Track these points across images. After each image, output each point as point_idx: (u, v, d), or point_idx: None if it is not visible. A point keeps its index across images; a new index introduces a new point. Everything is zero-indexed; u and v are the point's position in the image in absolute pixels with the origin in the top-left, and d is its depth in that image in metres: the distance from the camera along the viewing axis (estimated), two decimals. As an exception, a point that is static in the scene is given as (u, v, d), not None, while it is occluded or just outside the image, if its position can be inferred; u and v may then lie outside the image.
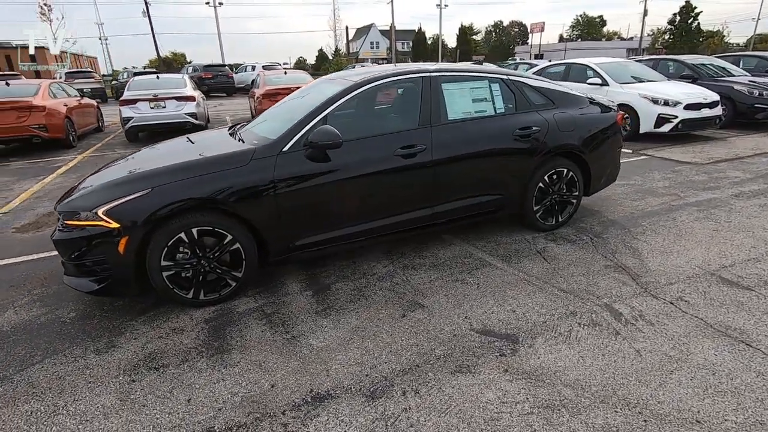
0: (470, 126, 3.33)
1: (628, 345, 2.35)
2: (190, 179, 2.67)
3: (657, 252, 3.41)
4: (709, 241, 3.56)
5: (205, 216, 2.69)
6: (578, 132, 3.66)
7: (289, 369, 2.27)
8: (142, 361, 2.38)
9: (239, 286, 2.91)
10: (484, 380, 2.14)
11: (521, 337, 2.45)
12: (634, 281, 3.00)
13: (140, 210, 2.55)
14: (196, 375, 2.25)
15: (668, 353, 2.28)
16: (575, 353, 2.31)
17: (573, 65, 8.97)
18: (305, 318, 2.71)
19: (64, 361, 2.39)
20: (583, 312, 2.66)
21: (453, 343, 2.43)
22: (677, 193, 4.79)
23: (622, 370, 2.17)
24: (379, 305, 2.83)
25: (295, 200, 2.86)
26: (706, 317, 2.57)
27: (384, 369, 2.24)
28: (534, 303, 2.78)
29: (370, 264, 3.38)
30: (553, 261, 3.32)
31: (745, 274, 3.03)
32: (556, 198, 3.75)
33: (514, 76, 3.58)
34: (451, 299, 2.86)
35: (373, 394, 2.08)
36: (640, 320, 2.57)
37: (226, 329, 2.63)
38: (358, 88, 3.09)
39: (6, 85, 8.88)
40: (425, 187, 3.21)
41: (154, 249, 2.62)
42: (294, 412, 1.99)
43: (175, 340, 2.55)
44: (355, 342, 2.46)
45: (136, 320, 2.75)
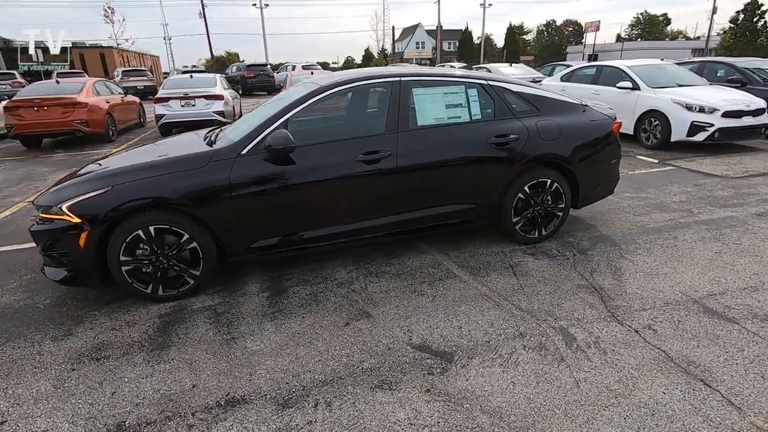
0: (441, 133, 3.22)
1: (569, 374, 2.19)
2: (148, 179, 2.77)
3: (641, 273, 3.14)
4: (707, 265, 3.24)
5: (162, 215, 2.78)
6: (564, 141, 3.44)
7: (215, 370, 2.30)
8: (89, 350, 2.50)
9: (198, 285, 2.99)
10: (401, 399, 2.07)
11: (457, 356, 2.34)
12: (603, 304, 2.78)
13: (99, 207, 2.68)
14: (129, 369, 2.34)
15: (610, 386, 2.10)
16: (508, 378, 2.17)
17: (604, 68, 8.47)
18: (251, 320, 2.74)
19: (23, 346, 2.56)
20: (533, 334, 2.51)
21: (385, 356, 2.36)
22: (690, 209, 4.40)
23: (551, 400, 2.02)
24: (327, 312, 2.80)
25: (252, 203, 2.89)
26: (670, 350, 2.34)
27: (306, 378, 2.22)
28: (485, 320, 2.65)
29: (335, 269, 3.36)
30: (523, 277, 3.15)
31: (734, 304, 2.73)
32: (539, 210, 3.55)
33: (495, 82, 3.42)
34: (400, 310, 2.79)
35: (286, 404, 2.06)
36: (593, 347, 2.38)
37: (175, 326, 2.71)
38: (322, 92, 3.08)
39: (56, 83, 9.66)
40: (389, 194, 3.15)
41: (114, 244, 2.74)
42: (203, 414, 2.01)
43: (125, 332, 2.65)
44: (288, 348, 2.46)
45: (99, 311, 2.90)
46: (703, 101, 6.69)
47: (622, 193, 4.96)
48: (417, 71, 3.41)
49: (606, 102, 7.97)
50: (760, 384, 2.08)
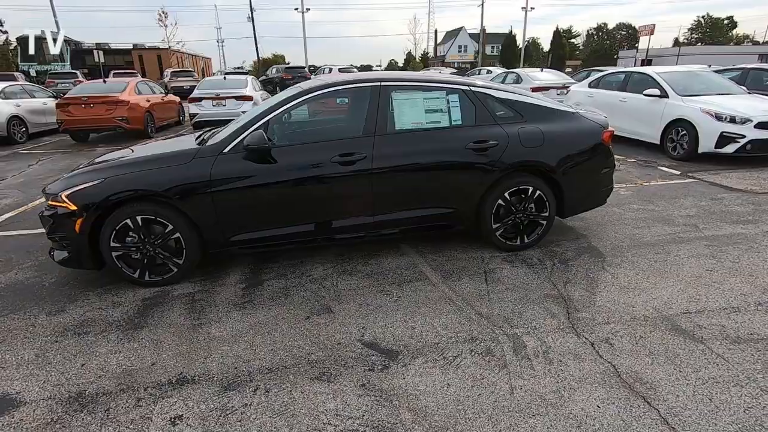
0: (418, 137, 3.27)
1: (507, 380, 2.19)
2: (137, 173, 3.02)
3: (617, 287, 3.05)
4: (692, 282, 3.09)
5: (148, 206, 3.01)
6: (548, 148, 3.39)
7: (176, 351, 2.48)
8: (74, 326, 2.75)
9: (182, 273, 3.21)
10: (335, 390, 2.15)
11: (401, 355, 2.40)
12: (566, 315, 2.74)
13: (93, 196, 2.95)
14: (103, 344, 2.56)
15: (545, 396, 2.08)
16: (444, 380, 2.21)
17: (633, 74, 8.12)
18: (222, 308, 2.91)
19: (21, 318, 2.86)
20: (484, 339, 2.51)
21: (333, 351, 2.46)
22: (696, 224, 4.18)
23: (480, 404, 2.04)
24: (293, 305, 2.93)
25: (231, 198, 3.07)
26: (621, 365, 2.28)
27: (254, 365, 2.35)
28: (440, 323, 2.68)
29: (314, 265, 3.49)
30: (494, 283, 3.14)
31: (707, 324, 2.60)
32: (521, 217, 3.51)
33: (477, 87, 3.43)
34: (362, 308, 2.87)
35: (229, 386, 2.20)
36: (540, 357, 2.36)
37: (153, 309, 2.92)
38: (302, 96, 3.22)
39: (103, 82, 10.45)
40: (364, 195, 3.23)
41: (105, 231, 3.00)
42: (153, 390, 2.19)
43: (109, 312, 2.90)
44: (247, 336, 2.60)
45: (93, 291, 3.18)
46: (734, 111, 6.29)
47: (628, 204, 4.79)
48: (399, 76, 3.48)
49: (633, 110, 7.74)
50: (704, 406, 2.00)
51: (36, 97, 10.89)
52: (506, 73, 13.11)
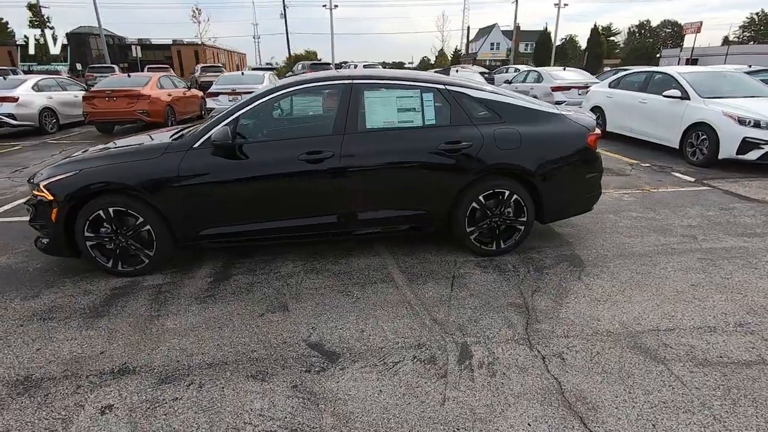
0: (389, 136, 3.21)
1: (442, 390, 2.12)
2: (109, 166, 3.11)
3: (588, 299, 2.90)
4: (671, 297, 2.90)
5: (119, 198, 3.09)
6: (525, 151, 3.26)
7: (127, 341, 2.53)
8: (42, 311, 2.87)
9: (153, 264, 3.28)
10: (266, 390, 2.14)
11: (342, 358, 2.36)
12: (525, 325, 2.62)
13: (67, 187, 3.06)
14: (62, 331, 2.65)
15: (476, 410, 2.00)
16: (378, 386, 2.16)
17: (655, 74, 7.71)
18: (183, 301, 2.96)
19: (14, 297, 3.00)
20: (431, 346, 2.44)
21: (277, 349, 2.45)
22: (695, 235, 3.92)
23: (406, 414, 1.98)
24: (252, 301, 2.94)
25: (199, 193, 3.11)
26: (567, 382, 2.16)
27: (196, 359, 2.37)
28: (392, 327, 2.62)
29: (284, 262, 3.49)
30: (459, 288, 3.05)
31: (675, 344, 2.43)
32: (497, 221, 3.40)
33: (453, 86, 3.32)
34: (318, 308, 2.85)
35: (166, 379, 2.23)
36: (483, 368, 2.27)
37: (118, 299, 3.00)
38: (276, 93, 3.22)
39: (128, 76, 10.86)
40: (331, 193, 3.21)
41: (80, 221, 3.10)
42: (94, 378, 2.24)
43: (78, 299, 3.00)
44: (198, 330, 2.63)
45: (70, 279, 3.30)
46: (759, 114, 5.86)
47: (626, 211, 4.55)
48: (372, 74, 3.42)
49: (652, 112, 7.36)
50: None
51: (68, 90, 11.44)
52: (528, 71, 12.75)
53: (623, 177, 6.00)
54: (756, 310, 2.74)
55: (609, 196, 5.06)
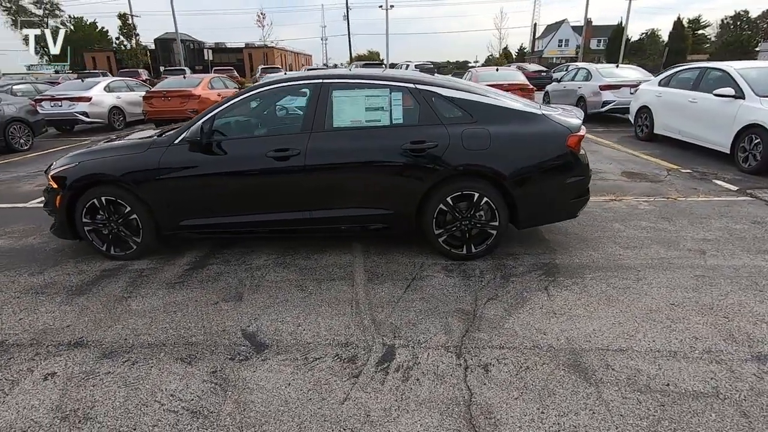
0: (354, 135, 3.22)
1: (348, 390, 2.11)
2: (102, 159, 3.42)
3: (545, 311, 2.71)
4: (640, 316, 2.63)
5: (110, 188, 3.40)
6: (495, 151, 3.11)
7: (93, 318, 2.79)
8: (39, 286, 3.23)
9: (140, 250, 3.57)
10: (187, 373, 2.27)
11: (268, 350, 2.43)
12: (463, 333, 2.52)
13: (68, 178, 3.42)
14: (46, 304, 2.98)
15: (372, 412, 1.98)
16: (290, 379, 2.20)
17: (709, 70, 6.92)
18: (155, 285, 3.19)
19: (8, 274, 3.43)
20: (357, 346, 2.43)
21: (213, 336, 2.57)
22: (705, 250, 3.50)
23: (302, 409, 2.01)
24: (213, 290, 3.10)
25: (177, 186, 3.33)
26: (480, 395, 2.06)
27: (141, 339, 2.56)
28: (329, 324, 2.64)
29: (260, 255, 3.64)
30: (413, 291, 2.99)
31: (620, 366, 2.22)
32: (467, 225, 3.28)
33: (423, 85, 3.25)
34: (269, 300, 2.94)
35: (107, 355, 2.43)
36: (400, 372, 2.23)
37: (104, 279, 3.31)
38: (250, 92, 3.36)
39: (183, 78, 11.76)
40: (299, 191, 3.28)
41: (78, 207, 3.46)
42: (52, 348, 2.51)
43: (72, 278, 3.35)
44: (156, 313, 2.83)
45: (73, 259, 3.68)
46: (825, 116, 5.08)
47: (637, 220, 4.17)
48: (342, 73, 3.45)
49: (702, 112, 6.67)
50: (537, 455, 1.74)
51: (135, 90, 12.62)
52: (577, 69, 11.99)
53: (653, 183, 5.49)
54: (736, 338, 2.41)
55: (625, 203, 4.67)
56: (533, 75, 21.55)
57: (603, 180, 5.67)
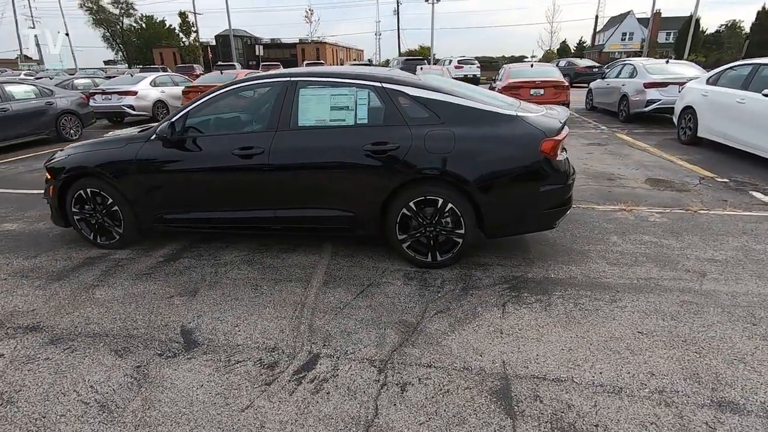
0: (317, 135, 3.15)
1: (254, 398, 2.07)
2: (87, 153, 3.60)
3: (492, 330, 2.51)
4: (595, 343, 2.36)
5: (93, 180, 3.57)
6: (459, 156, 2.92)
7: (57, 304, 2.94)
8: (26, 270, 3.46)
9: (123, 240, 3.73)
10: (114, 365, 2.32)
11: (197, 349, 2.44)
12: (395, 346, 2.39)
13: (58, 170, 3.63)
14: (24, 288, 3.17)
15: (267, 423, 1.92)
16: (204, 381, 2.19)
17: (761, 67, 6.14)
18: (125, 276, 3.31)
19: (7, 256, 3.71)
20: (283, 352, 2.38)
21: (154, 330, 2.62)
22: (707, 272, 3.10)
23: (204, 412, 1.99)
24: (175, 283, 3.17)
25: (151, 180, 3.44)
26: (385, 415, 1.94)
27: (90, 328, 2.66)
28: (264, 327, 2.61)
29: (231, 251, 3.67)
30: (363, 298, 2.89)
31: (549, 398, 2.00)
32: (431, 231, 3.12)
33: (390, 84, 3.10)
34: (221, 298, 2.95)
35: (54, 341, 2.55)
36: (313, 383, 2.15)
37: (84, 267, 3.49)
38: (223, 90, 3.38)
39: (220, 73, 12.22)
40: (262, 189, 3.27)
41: (68, 198, 3.67)
42: (10, 330, 2.66)
43: (57, 264, 3.56)
44: (112, 304, 2.93)
45: (67, 246, 3.91)
46: None
47: (639, 234, 3.79)
48: (312, 71, 3.37)
49: (750, 114, 5.93)
50: (416, 490, 1.60)
51: (179, 85, 13.29)
52: (623, 65, 11.10)
53: (677, 192, 4.96)
54: (701, 378, 2.10)
55: (634, 214, 4.26)
56: (583, 71, 20.29)
57: (621, 187, 5.22)
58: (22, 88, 9.05)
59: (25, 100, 8.87)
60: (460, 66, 23.52)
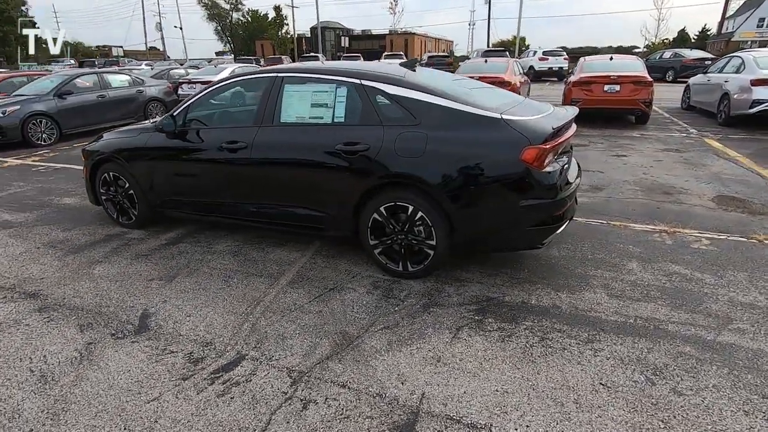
0: (295, 132, 3.10)
1: (164, 391, 2.11)
2: (110, 139, 3.95)
3: (427, 356, 2.28)
4: (539, 391, 2.02)
5: (113, 165, 3.91)
6: (430, 161, 2.66)
7: (62, 276, 3.27)
8: (57, 242, 3.91)
9: (138, 221, 4.05)
10: (72, 339, 2.52)
11: (144, 334, 2.55)
12: (320, 358, 2.28)
13: (90, 152, 4.04)
14: (46, 258, 3.59)
15: (162, 420, 1.94)
16: (132, 366, 2.28)
17: None
18: (128, 255, 3.59)
19: (51, 228, 4.23)
20: (215, 348, 2.40)
21: (119, 310, 2.80)
22: (732, 319, 2.49)
23: (112, 398, 2.07)
24: (162, 267, 3.36)
25: (156, 167, 3.68)
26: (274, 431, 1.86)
27: (73, 301, 2.92)
28: (212, 320, 2.65)
29: (227, 240, 3.80)
30: (319, 302, 2.80)
31: (464, 414, 1.76)
32: (402, 239, 2.92)
33: (369, 81, 2.91)
34: (192, 285, 3.07)
35: (39, 309, 2.83)
36: (225, 384, 2.13)
37: (99, 243, 3.85)
38: (217, 84, 3.47)
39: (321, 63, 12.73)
40: (246, 183, 3.32)
41: (97, 179, 4.08)
42: (16, 294, 3.02)
43: (82, 238, 3.97)
44: (103, 280, 3.19)
45: (97, 223, 4.35)
46: None
47: (667, 263, 3.19)
48: (299, 67, 3.30)
49: None
50: None
51: (257, 75, 14.12)
52: (730, 58, 9.40)
53: (747, 215, 4.10)
54: (652, 454, 1.70)
55: (674, 238, 3.60)
56: (692, 63, 17.67)
57: (676, 203, 4.45)
58: (118, 77, 10.29)
59: (120, 88, 10.07)
60: (545, 58, 21.79)
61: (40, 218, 4.52)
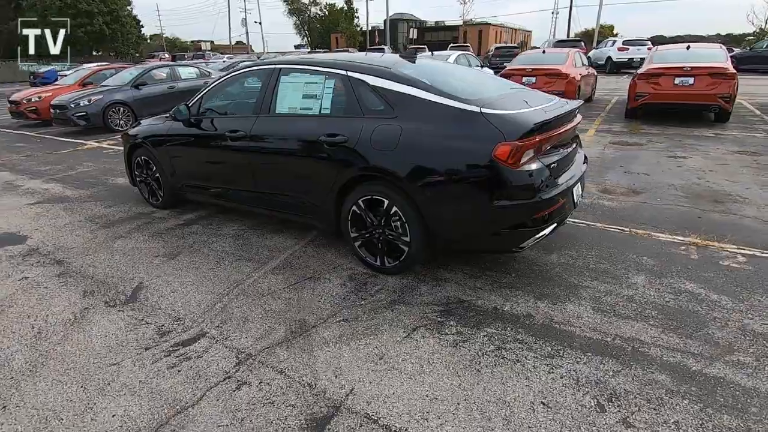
0: (286, 122, 3.16)
1: (124, 358, 2.29)
2: (143, 126, 4.32)
3: (372, 354, 2.23)
4: (472, 401, 1.90)
5: (143, 149, 4.28)
6: (404, 155, 2.58)
7: (87, 247, 3.67)
8: (98, 216, 4.39)
9: (164, 203, 4.41)
10: (69, 305, 2.82)
11: (131, 304, 2.78)
12: (271, 343, 2.34)
13: (128, 136, 4.46)
14: (84, 230, 4.04)
15: (111, 386, 2.12)
16: (108, 331, 2.50)
17: None
18: (147, 232, 3.93)
19: (97, 204, 4.75)
20: (183, 324, 2.56)
21: (121, 282, 3.07)
22: (734, 349, 2.14)
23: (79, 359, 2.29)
24: (171, 245, 3.64)
25: (174, 152, 3.98)
26: (198, 407, 1.95)
27: (86, 269, 3.26)
28: (191, 299, 2.82)
29: (235, 224, 4.01)
30: (294, 290, 2.86)
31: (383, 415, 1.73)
32: (378, 234, 2.88)
33: (354, 72, 2.87)
34: (188, 264, 3.29)
35: (58, 275, 3.20)
36: (178, 358, 2.27)
37: (128, 220, 4.25)
38: (224, 76, 3.65)
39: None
40: (246, 170, 3.46)
41: (133, 162, 4.49)
42: (46, 260, 3.45)
43: (118, 214, 4.41)
44: (117, 253, 3.52)
45: (134, 201, 4.79)
46: None
47: (681, 280, 2.83)
48: (296, 59, 3.34)
49: None
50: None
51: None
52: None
53: (811, 232, 3.48)
54: (567, 486, 1.53)
55: (703, 252, 3.17)
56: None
57: (723, 213, 3.89)
58: (187, 70, 11.15)
59: (188, 80, 10.91)
60: (625, 48, 19.82)
61: (92, 195, 5.09)
